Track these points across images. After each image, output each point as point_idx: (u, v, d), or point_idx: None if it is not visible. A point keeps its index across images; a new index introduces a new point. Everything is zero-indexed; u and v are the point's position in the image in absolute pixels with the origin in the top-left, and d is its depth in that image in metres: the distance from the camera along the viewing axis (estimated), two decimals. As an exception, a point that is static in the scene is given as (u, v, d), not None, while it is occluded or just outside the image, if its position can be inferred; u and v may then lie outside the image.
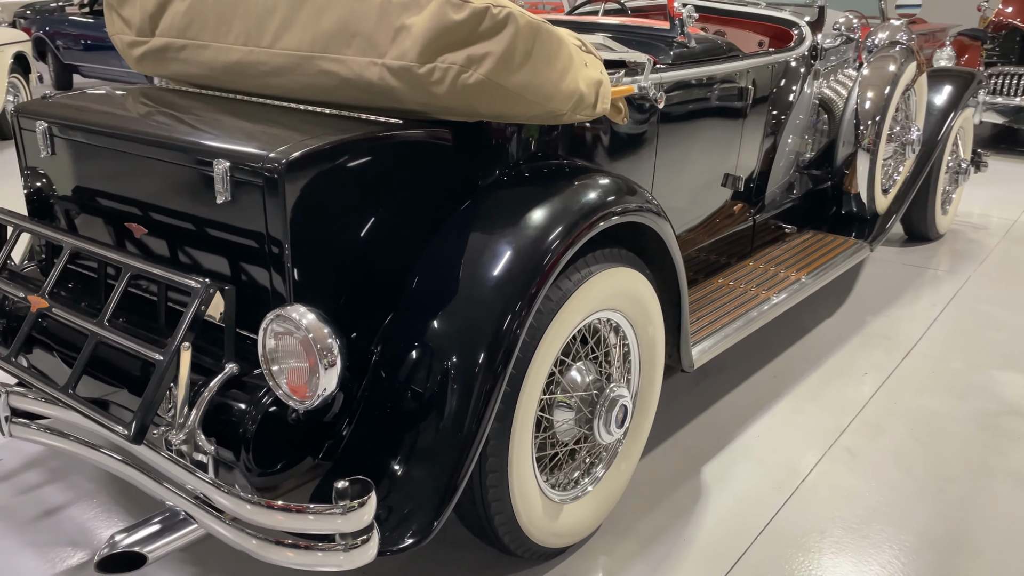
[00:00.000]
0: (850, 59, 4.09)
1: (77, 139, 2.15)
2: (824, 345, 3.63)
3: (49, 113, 2.21)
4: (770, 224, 3.69)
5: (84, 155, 2.16)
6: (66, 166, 2.23)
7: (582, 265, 2.06)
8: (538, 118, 1.99)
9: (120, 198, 2.11)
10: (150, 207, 2.04)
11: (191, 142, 1.87)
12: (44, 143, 2.23)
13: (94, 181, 2.17)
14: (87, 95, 2.40)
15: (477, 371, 1.79)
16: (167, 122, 2.07)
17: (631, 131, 2.50)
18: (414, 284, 1.93)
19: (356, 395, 1.90)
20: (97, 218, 2.21)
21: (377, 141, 1.87)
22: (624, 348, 2.36)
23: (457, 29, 1.85)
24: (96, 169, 2.14)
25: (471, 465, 1.77)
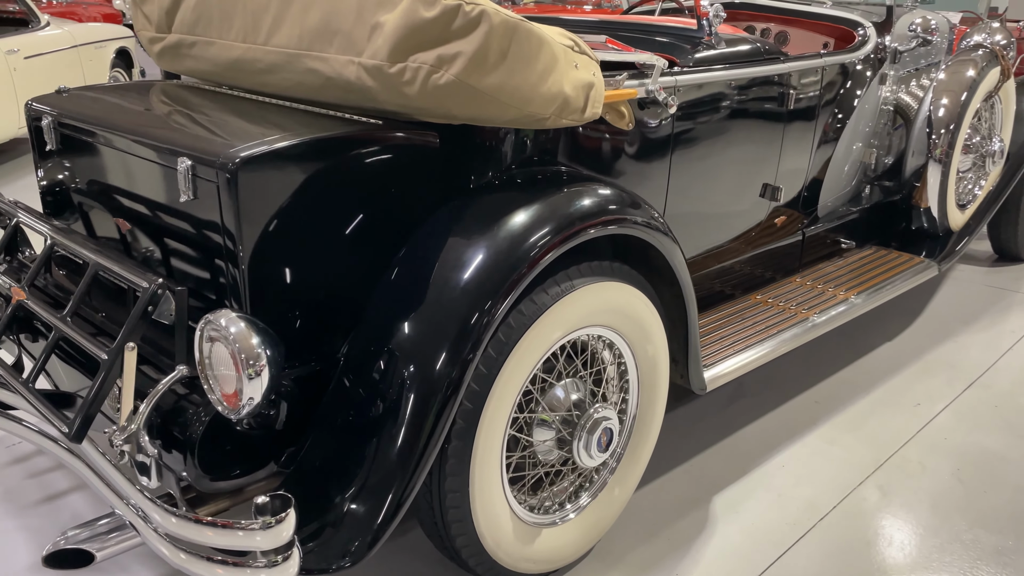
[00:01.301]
0: (940, 63, 3.78)
1: (74, 134, 2.18)
2: (878, 370, 3.37)
3: (55, 107, 2.25)
4: (824, 238, 3.45)
5: (79, 150, 2.19)
6: (67, 160, 2.26)
7: (563, 278, 1.94)
8: (517, 122, 1.89)
9: (106, 193, 2.13)
10: (130, 203, 2.04)
11: (161, 139, 1.85)
12: (50, 137, 2.27)
13: (87, 175, 2.19)
14: (99, 90, 2.44)
15: (430, 387, 1.71)
16: (152, 119, 2.07)
17: (641, 137, 2.35)
18: (380, 292, 1.86)
19: (322, 402, 1.85)
20: (89, 212, 2.24)
21: (343, 142, 1.81)
22: (620, 367, 2.23)
23: (428, 27, 1.77)
24: (88, 164, 2.17)
25: (415, 487, 1.68)
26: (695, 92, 2.44)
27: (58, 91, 2.42)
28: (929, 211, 3.68)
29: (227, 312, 1.56)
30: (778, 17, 3.78)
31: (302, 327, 1.83)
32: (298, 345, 1.82)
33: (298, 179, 1.74)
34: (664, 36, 2.57)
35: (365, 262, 1.88)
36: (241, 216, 1.67)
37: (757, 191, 2.85)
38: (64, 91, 2.42)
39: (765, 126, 2.77)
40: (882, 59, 3.44)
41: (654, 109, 2.31)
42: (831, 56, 3.03)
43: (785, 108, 2.82)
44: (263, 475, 1.85)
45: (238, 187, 1.65)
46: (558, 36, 1.93)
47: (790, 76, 2.79)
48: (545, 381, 2.05)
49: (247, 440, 1.78)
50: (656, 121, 2.36)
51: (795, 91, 2.83)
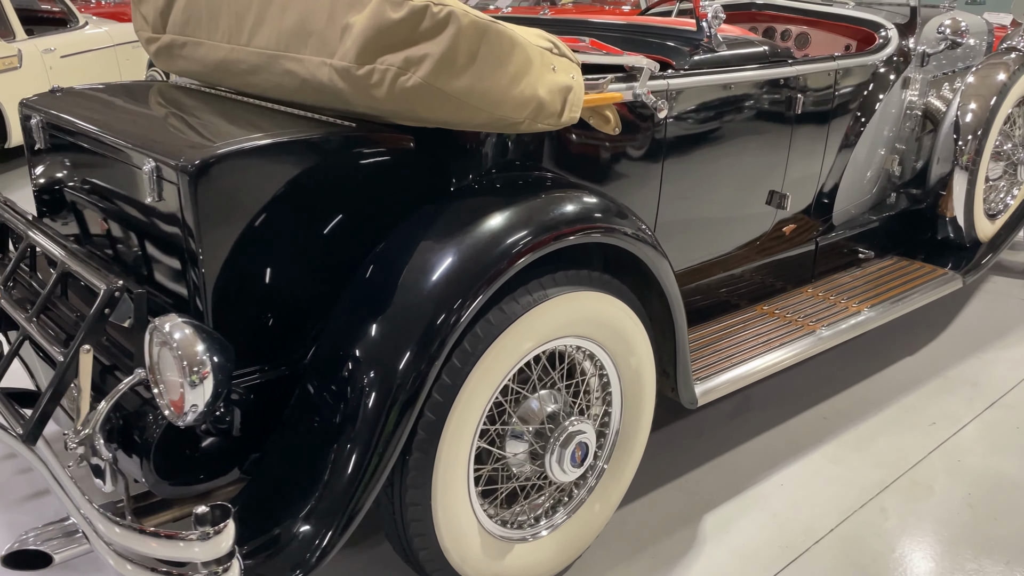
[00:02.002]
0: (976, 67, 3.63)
1: (59, 134, 2.18)
2: (895, 386, 3.24)
3: (44, 107, 2.25)
4: (841, 247, 3.32)
5: (65, 150, 2.19)
6: (55, 160, 2.27)
7: (535, 287, 1.88)
8: (489, 126, 1.83)
9: (88, 193, 2.12)
10: (108, 204, 2.04)
11: (132, 140, 1.84)
12: (39, 136, 2.28)
13: (72, 176, 2.19)
14: (93, 90, 2.44)
15: (386, 397, 1.66)
16: (132, 120, 2.06)
17: (630, 142, 2.28)
18: (346, 298, 1.82)
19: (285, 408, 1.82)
20: (75, 212, 2.24)
21: (308, 144, 1.77)
22: (603, 379, 2.16)
23: (396, 29, 1.72)
24: (73, 164, 2.17)
25: (367, 499, 1.64)
26: (690, 96, 2.36)
27: (52, 91, 2.43)
28: (955, 220, 3.54)
29: (173, 317, 1.54)
30: (800, 19, 3.67)
31: (267, 331, 1.80)
32: (262, 349, 1.80)
33: (261, 182, 1.71)
34: (662, 38, 2.49)
35: (332, 267, 1.84)
36: (201, 218, 1.65)
37: (762, 198, 2.76)
38: (57, 91, 2.43)
39: (770, 131, 2.67)
40: (905, 62, 3.31)
41: (644, 113, 2.24)
42: (845, 59, 2.92)
43: (793, 113, 2.71)
44: (226, 481, 1.83)
45: (197, 189, 1.63)
46: (535, 38, 1.87)
47: (798, 80, 2.69)
48: (519, 392, 1.99)
49: (207, 445, 1.76)
50: (646, 126, 2.28)
51: (804, 95, 2.72)
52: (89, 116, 2.08)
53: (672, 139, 2.35)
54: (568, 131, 2.16)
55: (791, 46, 3.71)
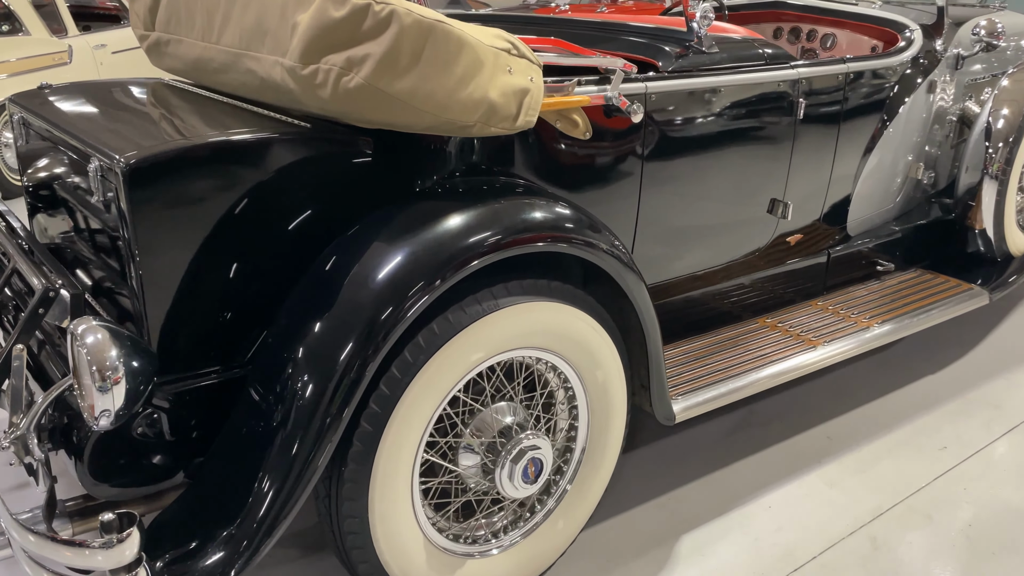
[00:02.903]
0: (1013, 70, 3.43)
1: (32, 132, 2.20)
2: (909, 406, 3.07)
3: (26, 105, 2.28)
4: (856, 259, 3.17)
5: (40, 148, 2.21)
6: (34, 158, 2.29)
7: (486, 296, 1.82)
8: (437, 129, 1.78)
9: (55, 191, 2.14)
10: (71, 203, 2.04)
11: (86, 139, 1.83)
12: (20, 134, 2.31)
13: (47, 173, 2.21)
14: (79, 87, 2.47)
15: (313, 408, 1.62)
16: (98, 118, 2.06)
17: (604, 147, 2.18)
18: (287, 303, 1.79)
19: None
20: (50, 209, 2.26)
21: (252, 145, 1.75)
22: (568, 393, 2.08)
23: (338, 28, 1.68)
24: (47, 162, 2.18)
25: (290, 512, 1.60)
26: (671, 100, 2.26)
27: (40, 87, 2.46)
28: (984, 233, 3.35)
29: (88, 320, 1.52)
30: (826, 19, 3.51)
31: (210, 334, 1.78)
32: (206, 352, 1.78)
33: (200, 182, 1.69)
34: (650, 38, 2.39)
35: (280, 269, 1.81)
36: (137, 218, 1.63)
37: (759, 207, 2.63)
38: (46, 87, 2.46)
39: (768, 137, 2.55)
40: (932, 64, 3.14)
41: (620, 118, 2.15)
42: (855, 62, 2.77)
43: (794, 118, 2.58)
44: (170, 484, 1.82)
45: (132, 188, 1.61)
46: (492, 39, 1.81)
47: (800, 83, 2.56)
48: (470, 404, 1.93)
49: (146, 449, 1.75)
50: (623, 131, 2.19)
51: (807, 99, 2.59)
52: (58, 114, 2.10)
53: (652, 145, 2.26)
54: (538, 135, 2.09)
55: (816, 47, 3.56)
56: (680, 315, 2.63)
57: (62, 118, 2.04)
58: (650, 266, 2.42)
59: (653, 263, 2.43)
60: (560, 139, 2.11)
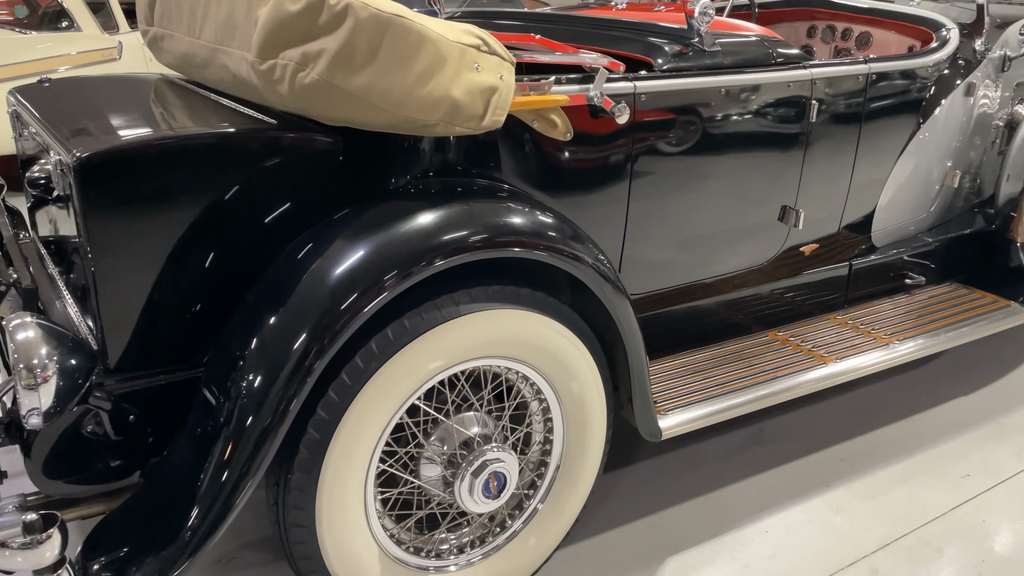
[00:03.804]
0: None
1: (23, 125, 2.21)
2: (934, 429, 2.89)
3: (19, 98, 2.29)
4: (882, 271, 3.00)
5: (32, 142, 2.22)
6: (26, 150, 2.31)
7: (446, 303, 1.75)
8: (397, 127, 1.71)
9: (42, 184, 2.14)
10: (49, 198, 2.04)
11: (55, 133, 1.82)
12: (15, 127, 2.32)
13: (33, 166, 2.22)
14: (76, 82, 2.48)
15: (253, 412, 1.57)
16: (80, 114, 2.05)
17: (589, 150, 2.08)
18: (242, 304, 1.74)
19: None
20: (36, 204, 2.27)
21: (208, 141, 1.70)
22: (543, 405, 2.00)
23: (295, 22, 1.63)
24: (33, 155, 2.19)
25: (225, 518, 1.55)
26: (664, 100, 2.14)
27: (39, 81, 2.48)
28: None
29: (22, 316, 1.50)
30: (862, 18, 3.34)
31: (166, 333, 1.74)
32: (162, 351, 1.75)
33: (156, 178, 1.65)
34: (650, 35, 2.28)
35: (236, 269, 1.77)
36: (87, 213, 1.61)
37: (765, 215, 2.50)
38: (45, 81, 2.47)
39: (776, 142, 2.41)
40: (971, 66, 2.95)
41: (607, 119, 2.05)
42: (881, 62, 2.61)
43: (807, 121, 2.44)
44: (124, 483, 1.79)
45: (81, 183, 1.59)
46: (460, 34, 1.73)
47: (813, 85, 2.41)
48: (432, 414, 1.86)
49: (97, 447, 1.73)
50: (609, 133, 2.09)
51: (822, 102, 2.44)
52: (43, 108, 2.09)
53: (643, 148, 2.15)
54: (519, 135, 2.01)
55: (851, 46, 3.39)
56: (681, 325, 2.52)
57: (44, 112, 2.03)
58: (644, 274, 2.32)
59: (647, 271, 2.32)
60: (542, 140, 2.03)
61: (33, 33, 6.11)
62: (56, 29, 6.26)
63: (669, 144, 2.19)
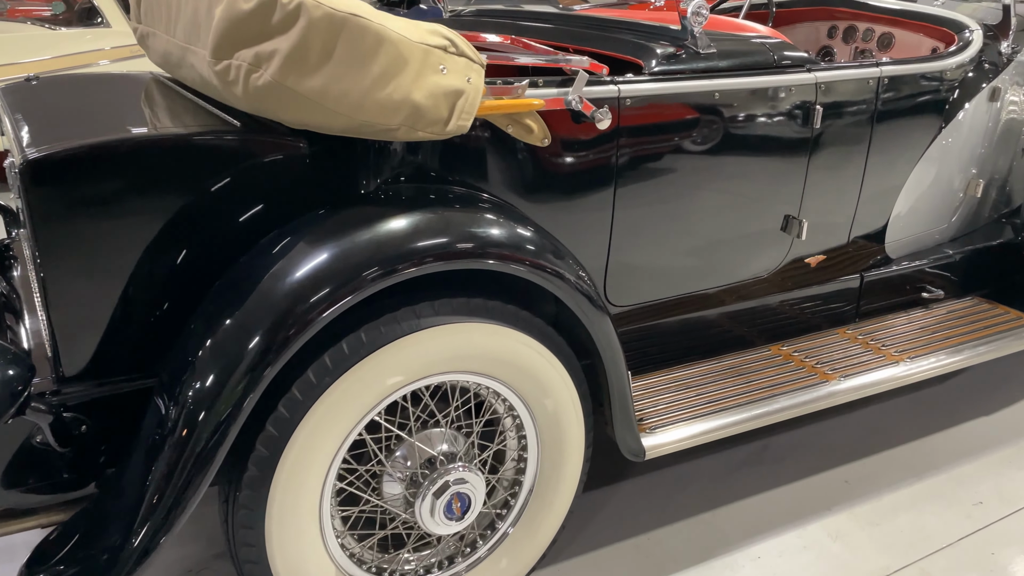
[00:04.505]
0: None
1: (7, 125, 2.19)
2: (949, 452, 2.75)
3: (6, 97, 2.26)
4: (896, 284, 2.85)
5: (7, 139, 2.19)
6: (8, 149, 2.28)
7: (407, 315, 1.67)
8: (355, 131, 1.64)
9: (14, 184, 2.12)
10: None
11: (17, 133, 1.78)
12: None
13: (11, 165, 2.20)
14: (64, 80, 2.44)
15: (194, 428, 1.52)
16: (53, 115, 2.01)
17: (570, 156, 1.98)
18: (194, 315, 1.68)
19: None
20: (15, 202, 2.24)
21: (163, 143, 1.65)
22: (516, 422, 1.91)
23: (248, 21, 1.57)
24: (10, 154, 2.17)
25: (163, 537, 1.50)
26: (653, 105, 2.04)
27: (27, 79, 2.45)
28: (1053, 260, 2.97)
29: (-44, 324, 1.46)
30: (884, 18, 3.19)
31: (117, 342, 1.69)
32: (115, 360, 1.70)
33: (108, 180, 1.60)
34: (639, 36, 2.18)
35: (192, 276, 1.71)
36: (34, 217, 1.56)
37: (764, 225, 2.37)
38: (33, 79, 2.45)
39: (776, 148, 2.29)
40: (996, 69, 2.79)
41: (590, 124, 1.95)
42: (894, 65, 2.47)
43: (810, 127, 2.32)
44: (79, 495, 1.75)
45: (28, 186, 1.54)
46: (424, 34, 1.65)
47: (818, 88, 2.29)
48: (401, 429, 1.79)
49: (48, 458, 1.69)
50: (593, 139, 1.99)
51: (827, 107, 2.32)
52: (19, 107, 2.06)
53: (628, 154, 2.05)
54: (497, 141, 1.92)
55: (872, 48, 3.24)
56: (676, 338, 2.41)
57: (15, 112, 2.00)
58: (633, 286, 2.22)
59: (637, 283, 2.22)
60: (522, 146, 1.94)
61: (62, 29, 6.17)
62: (89, 25, 6.31)
63: (657, 151, 2.09)
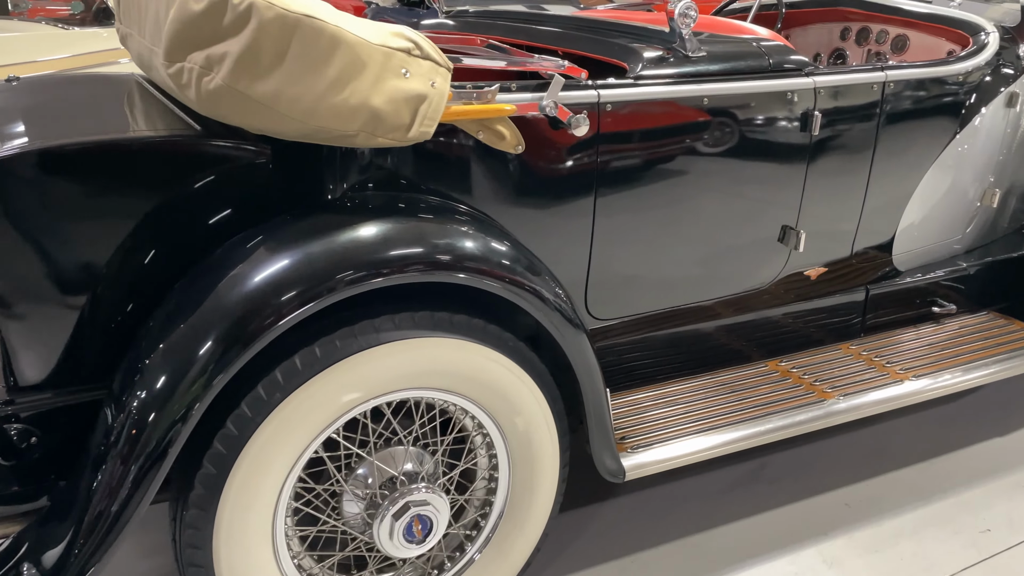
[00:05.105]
0: None
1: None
2: (958, 475, 2.62)
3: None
4: (905, 297, 2.73)
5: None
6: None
7: (366, 329, 1.60)
8: (311, 137, 1.57)
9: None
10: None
11: None
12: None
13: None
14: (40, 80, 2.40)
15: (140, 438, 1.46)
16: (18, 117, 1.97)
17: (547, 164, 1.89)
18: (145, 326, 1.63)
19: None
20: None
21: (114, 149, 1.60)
22: (486, 440, 1.84)
23: (199, 23, 1.51)
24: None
25: (100, 557, 1.45)
26: (637, 111, 1.94)
27: (8, 80, 2.42)
28: (1074, 274, 2.83)
29: None
30: (897, 19, 3.07)
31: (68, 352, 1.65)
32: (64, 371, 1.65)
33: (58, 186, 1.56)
34: (627, 38, 2.09)
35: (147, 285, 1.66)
36: None
37: (759, 235, 2.27)
38: (13, 80, 2.41)
39: (771, 156, 2.18)
40: (1016, 74, 2.66)
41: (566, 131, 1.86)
42: (901, 69, 2.35)
43: (808, 134, 2.21)
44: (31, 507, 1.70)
45: None
46: (386, 36, 1.57)
47: (817, 94, 2.18)
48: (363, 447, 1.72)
49: (1, 467, 1.65)
50: (571, 146, 1.90)
51: (826, 114, 2.21)
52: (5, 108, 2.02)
53: (607, 162, 1.95)
54: (472, 147, 1.84)
55: (886, 50, 3.12)
56: (664, 353, 2.32)
57: None
58: (617, 299, 2.13)
59: (620, 295, 2.13)
60: (497, 153, 1.85)
61: (76, 29, 6.20)
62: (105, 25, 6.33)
63: (641, 159, 2.00)
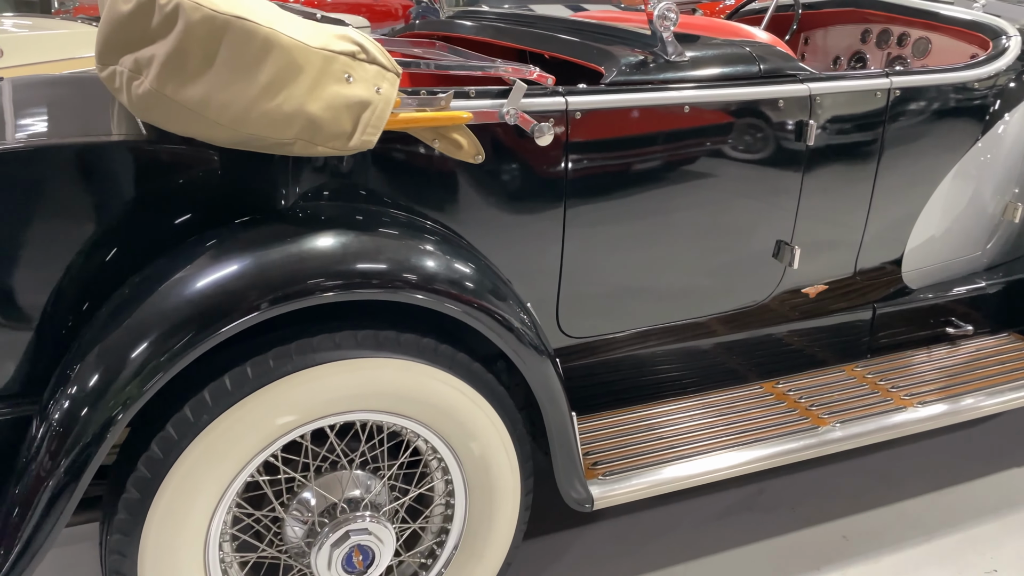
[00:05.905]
0: None
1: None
2: (968, 508, 2.46)
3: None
4: (917, 317, 2.57)
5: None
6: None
7: (303, 349, 1.52)
8: (245, 144, 1.48)
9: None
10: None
11: None
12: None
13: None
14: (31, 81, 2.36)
15: (57, 456, 1.40)
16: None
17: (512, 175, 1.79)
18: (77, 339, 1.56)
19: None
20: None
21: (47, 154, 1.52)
22: (441, 464, 1.74)
23: (128, 25, 1.44)
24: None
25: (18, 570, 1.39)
26: (610, 119, 1.82)
27: (-10, 80, 2.39)
28: (1101, 296, 2.64)
29: None
30: (918, 22, 2.90)
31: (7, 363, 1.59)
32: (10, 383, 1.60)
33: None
34: (606, 41, 1.97)
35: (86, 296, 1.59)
36: None
37: (749, 251, 2.13)
38: None
39: (762, 168, 2.05)
40: (1040, 80, 2.49)
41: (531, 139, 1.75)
42: (907, 76, 2.20)
43: (804, 144, 2.07)
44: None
45: None
46: (328, 39, 1.48)
47: (813, 102, 2.04)
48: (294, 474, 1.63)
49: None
50: (538, 155, 1.79)
51: (823, 123, 2.06)
52: None
53: (577, 174, 1.84)
54: (434, 156, 1.74)
55: (907, 53, 2.95)
56: (648, 373, 2.20)
57: None
58: (590, 316, 2.02)
59: (594, 312, 2.02)
60: (462, 163, 1.75)
61: (99, 27, 6.23)
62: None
63: (615, 169, 1.88)
